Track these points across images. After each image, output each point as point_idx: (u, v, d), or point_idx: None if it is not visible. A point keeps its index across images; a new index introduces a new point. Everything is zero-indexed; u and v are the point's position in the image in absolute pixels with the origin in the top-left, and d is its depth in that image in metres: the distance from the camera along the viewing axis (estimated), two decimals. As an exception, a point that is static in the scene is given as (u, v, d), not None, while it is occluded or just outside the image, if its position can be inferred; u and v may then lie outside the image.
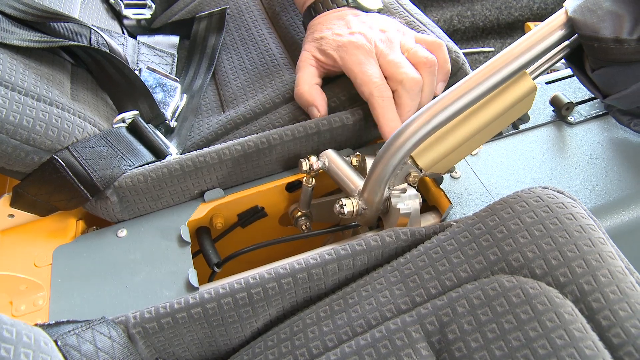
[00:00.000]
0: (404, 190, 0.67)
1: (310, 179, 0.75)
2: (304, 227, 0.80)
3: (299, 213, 0.80)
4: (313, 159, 0.74)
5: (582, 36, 0.63)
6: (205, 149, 0.76)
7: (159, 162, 0.75)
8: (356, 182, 0.71)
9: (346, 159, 0.75)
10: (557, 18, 0.63)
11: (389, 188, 0.66)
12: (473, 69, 0.67)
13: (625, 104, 0.72)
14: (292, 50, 0.97)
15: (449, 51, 0.81)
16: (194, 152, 0.75)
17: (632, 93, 0.66)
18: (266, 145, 0.76)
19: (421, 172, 0.65)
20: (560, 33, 0.63)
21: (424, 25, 0.87)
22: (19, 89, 0.71)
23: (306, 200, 0.78)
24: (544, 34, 0.62)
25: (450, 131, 0.64)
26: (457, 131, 0.64)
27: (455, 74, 0.83)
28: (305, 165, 0.74)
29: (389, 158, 0.62)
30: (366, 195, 0.67)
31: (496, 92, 0.63)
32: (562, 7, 0.64)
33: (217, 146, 0.76)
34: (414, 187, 0.69)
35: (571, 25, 0.63)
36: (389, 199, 0.67)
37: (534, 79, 0.65)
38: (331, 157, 0.75)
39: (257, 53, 0.99)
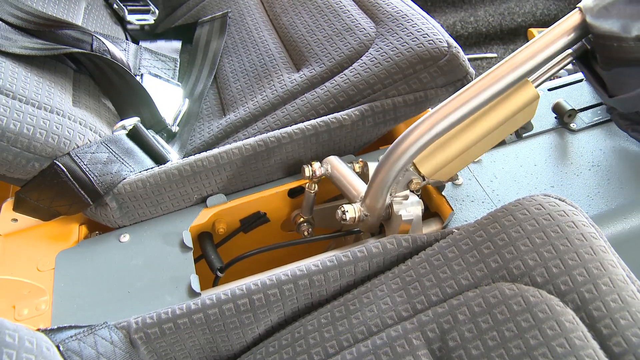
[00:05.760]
0: (405, 197, 0.67)
1: (313, 185, 0.75)
2: (306, 233, 0.80)
3: (302, 219, 0.81)
4: (316, 165, 0.74)
5: (599, 36, 0.61)
6: (204, 153, 0.76)
7: (157, 168, 0.75)
8: (358, 188, 0.71)
9: (349, 165, 0.75)
10: (568, 21, 0.62)
11: (390, 195, 0.66)
12: (476, 75, 0.66)
13: (627, 107, 0.71)
14: (292, 49, 0.98)
15: (457, 58, 0.81)
16: (192, 157, 0.75)
17: (636, 96, 0.65)
18: (264, 148, 0.76)
19: (423, 179, 0.66)
20: (565, 40, 0.61)
21: None
22: (19, 97, 0.71)
23: (308, 206, 0.78)
24: (547, 42, 0.61)
25: (453, 139, 0.64)
26: (459, 139, 0.64)
27: (461, 80, 0.83)
28: (307, 171, 0.74)
29: (392, 164, 0.62)
30: (368, 201, 0.67)
31: (498, 100, 0.63)
32: (576, 8, 0.62)
33: (215, 150, 0.76)
34: (417, 195, 0.69)
35: (582, 28, 0.61)
36: (391, 205, 0.67)
37: (536, 87, 0.65)
38: (334, 164, 0.75)
39: (257, 55, 1.00)
